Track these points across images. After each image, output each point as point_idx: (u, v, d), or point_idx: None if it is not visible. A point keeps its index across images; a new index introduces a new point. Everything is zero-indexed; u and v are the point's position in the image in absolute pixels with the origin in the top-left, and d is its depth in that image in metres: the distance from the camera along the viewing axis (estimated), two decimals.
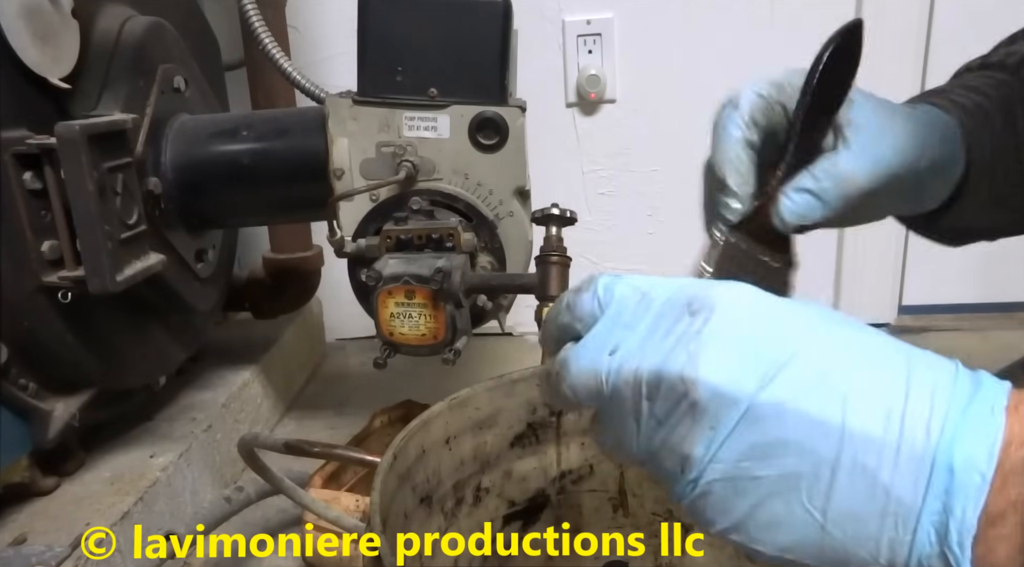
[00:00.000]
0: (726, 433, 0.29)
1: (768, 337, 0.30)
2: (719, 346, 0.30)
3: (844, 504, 0.28)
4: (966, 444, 0.27)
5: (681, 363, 0.30)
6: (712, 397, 0.30)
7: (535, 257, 0.76)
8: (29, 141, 0.67)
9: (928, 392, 0.28)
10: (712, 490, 0.30)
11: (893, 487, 0.28)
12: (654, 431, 0.31)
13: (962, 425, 0.27)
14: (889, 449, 0.28)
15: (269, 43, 0.91)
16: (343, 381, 1.32)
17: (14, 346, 0.70)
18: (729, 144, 0.45)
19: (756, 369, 0.29)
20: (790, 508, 0.29)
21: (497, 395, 0.62)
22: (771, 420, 0.29)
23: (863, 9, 1.26)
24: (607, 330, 0.34)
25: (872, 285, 1.41)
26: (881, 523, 0.28)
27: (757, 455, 0.29)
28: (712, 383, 0.30)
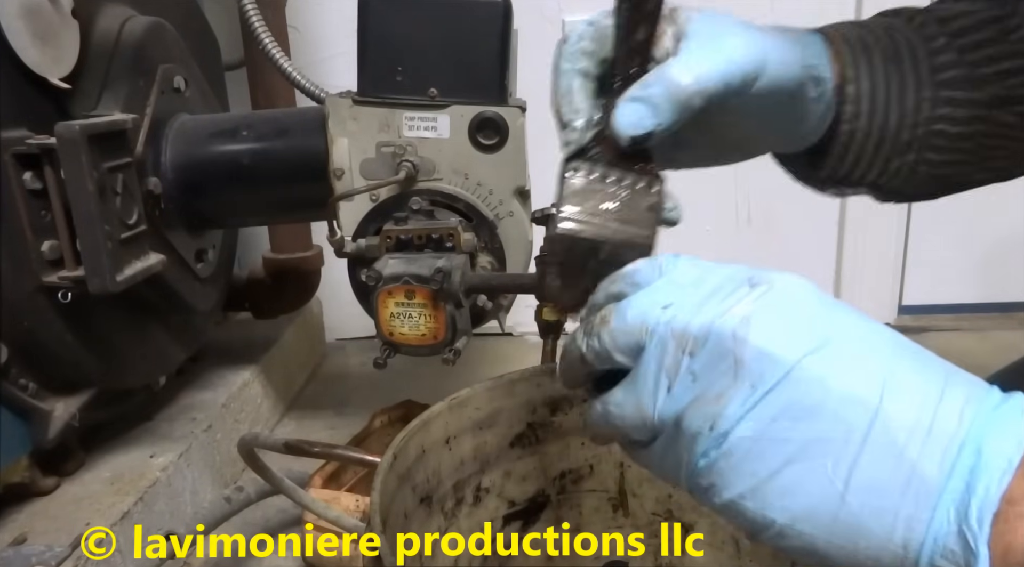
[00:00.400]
0: (764, 391, 0.30)
1: (820, 315, 0.31)
2: (774, 313, 0.31)
3: (867, 475, 0.29)
4: (995, 434, 0.28)
5: (734, 322, 0.31)
6: (758, 357, 0.30)
7: (535, 257, 0.76)
8: (29, 141, 0.67)
9: (963, 391, 0.30)
10: (737, 449, 0.30)
11: (919, 463, 0.28)
12: (688, 388, 0.32)
13: (993, 419, 0.28)
14: (921, 429, 0.29)
15: (269, 43, 0.91)
16: (343, 381, 1.32)
17: (14, 346, 0.70)
18: (560, 78, 0.44)
19: (805, 340, 0.30)
20: (812, 474, 0.29)
21: (497, 395, 0.62)
22: (810, 386, 0.30)
23: (862, 6, 1.26)
24: (664, 288, 0.34)
25: (872, 285, 1.41)
26: (901, 498, 0.28)
27: (790, 417, 0.30)
28: (760, 346, 0.30)
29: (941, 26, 0.53)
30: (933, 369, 0.31)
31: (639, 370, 0.34)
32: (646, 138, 0.40)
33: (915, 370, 0.30)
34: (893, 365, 0.30)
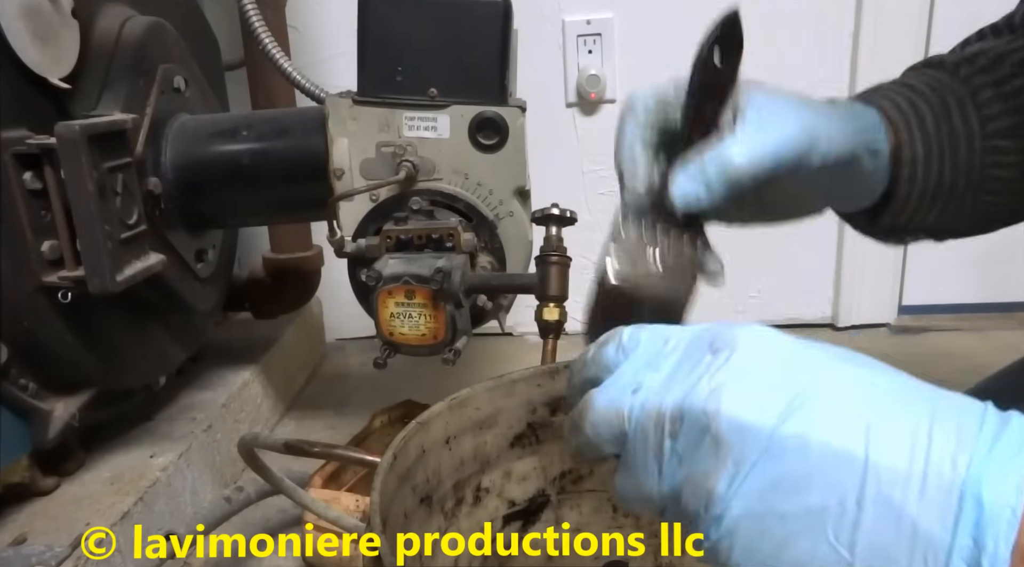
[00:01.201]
0: (749, 467, 0.29)
1: (790, 372, 0.30)
2: (740, 380, 0.30)
3: (871, 539, 0.28)
4: (994, 477, 0.27)
5: (703, 397, 0.30)
6: (734, 430, 0.29)
7: (535, 257, 0.76)
8: (29, 141, 0.67)
9: (953, 426, 0.28)
10: (737, 529, 0.30)
11: (921, 521, 0.27)
12: (676, 469, 0.31)
13: (989, 459, 0.27)
14: (915, 481, 0.27)
15: (269, 43, 0.91)
16: (343, 381, 1.32)
17: (14, 346, 0.70)
18: (624, 142, 0.47)
19: (778, 402, 0.29)
20: (816, 545, 0.28)
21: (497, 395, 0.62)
22: (793, 453, 0.29)
23: (863, 9, 1.26)
24: (631, 371, 0.34)
25: (872, 285, 1.41)
26: (910, 558, 0.27)
27: (781, 490, 0.29)
28: (734, 416, 0.30)
29: (984, 75, 0.54)
30: (918, 403, 0.29)
31: (627, 457, 0.34)
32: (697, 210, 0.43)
33: (898, 409, 0.29)
34: (874, 409, 0.29)
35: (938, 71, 0.56)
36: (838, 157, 0.47)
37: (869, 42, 1.27)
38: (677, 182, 0.43)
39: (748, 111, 0.44)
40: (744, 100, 0.45)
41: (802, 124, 0.45)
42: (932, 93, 0.54)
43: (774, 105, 0.45)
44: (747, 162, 0.43)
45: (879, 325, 1.43)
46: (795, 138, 0.44)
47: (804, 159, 0.45)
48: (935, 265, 1.41)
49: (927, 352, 1.30)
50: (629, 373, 0.34)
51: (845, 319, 1.42)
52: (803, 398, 0.29)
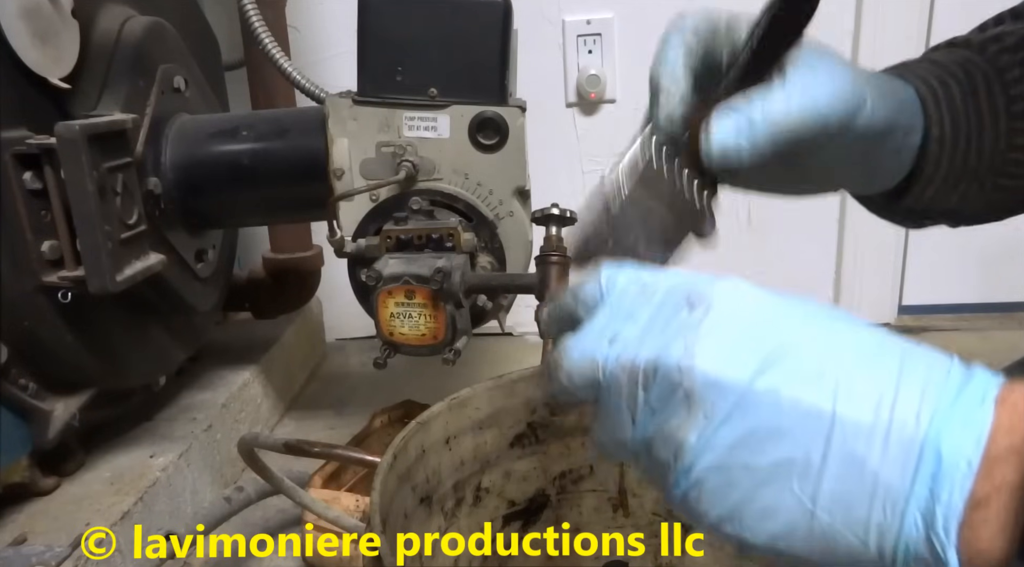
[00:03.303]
0: (720, 420, 0.30)
1: (764, 329, 0.31)
2: (715, 337, 0.31)
3: (833, 490, 0.29)
4: (954, 432, 0.28)
5: (678, 353, 0.31)
6: (707, 385, 0.30)
7: (535, 257, 0.76)
8: (29, 141, 0.67)
9: (919, 383, 0.29)
10: (706, 479, 0.31)
11: (882, 473, 0.28)
12: (649, 420, 0.32)
13: (951, 414, 0.28)
14: (878, 436, 0.28)
15: (269, 43, 0.91)
16: (343, 381, 1.32)
17: (14, 346, 0.70)
18: (667, 61, 0.44)
19: (751, 360, 0.30)
20: (781, 495, 0.30)
21: (497, 395, 0.62)
22: (764, 408, 0.30)
23: (863, 9, 1.26)
24: (607, 319, 0.34)
25: (872, 285, 1.41)
26: (870, 509, 0.28)
27: (750, 443, 0.30)
28: (707, 372, 0.30)
29: (1012, 54, 0.53)
30: (887, 359, 0.30)
31: (601, 407, 0.34)
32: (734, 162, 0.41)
33: (868, 365, 0.30)
34: (844, 365, 0.30)
35: (965, 50, 0.55)
36: (878, 128, 0.46)
37: (869, 42, 1.27)
38: (720, 128, 0.41)
39: (799, 63, 0.42)
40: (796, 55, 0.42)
41: (853, 85, 0.43)
42: (962, 72, 0.53)
43: (825, 61, 0.43)
44: (796, 111, 0.40)
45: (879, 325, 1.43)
46: (845, 98, 0.42)
47: (849, 123, 0.43)
48: (935, 265, 1.41)
49: None
50: (604, 320, 0.34)
51: None
52: (775, 355, 0.30)
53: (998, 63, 0.53)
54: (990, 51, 0.54)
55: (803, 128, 0.41)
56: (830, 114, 0.42)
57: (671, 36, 0.45)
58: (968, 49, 0.55)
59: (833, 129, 0.43)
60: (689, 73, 0.44)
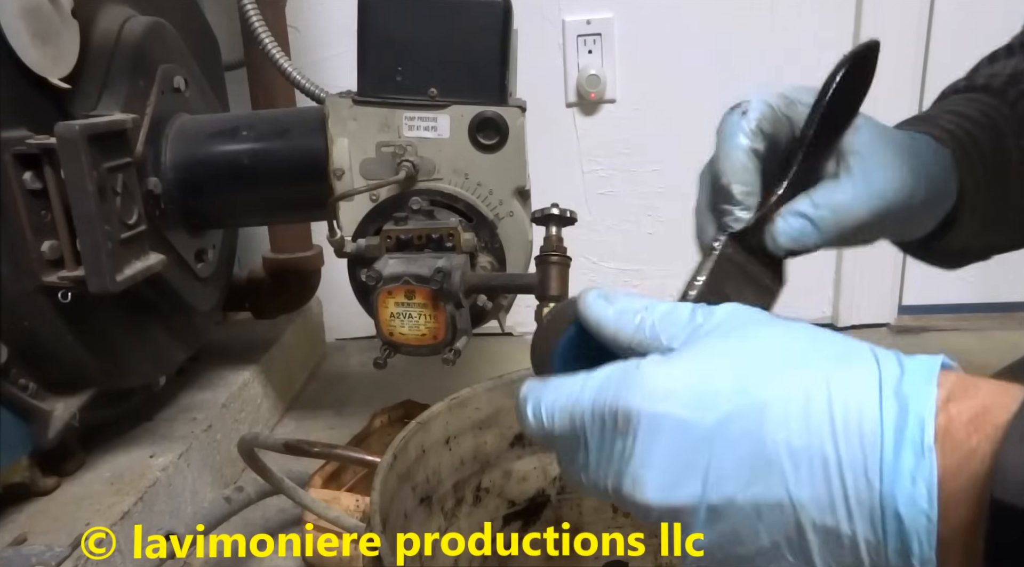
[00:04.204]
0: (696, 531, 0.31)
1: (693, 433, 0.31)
2: (652, 467, 0.31)
3: (824, 553, 0.30)
4: (904, 487, 0.28)
5: (630, 487, 0.32)
6: (670, 513, 0.32)
7: (535, 257, 0.76)
8: (29, 141, 0.67)
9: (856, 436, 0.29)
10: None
11: (857, 533, 0.29)
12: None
13: (896, 467, 0.28)
14: (840, 509, 0.29)
15: (269, 43, 0.91)
16: (343, 381, 1.32)
17: (14, 346, 0.70)
18: (736, 152, 0.44)
19: (695, 475, 0.31)
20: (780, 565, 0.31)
21: (497, 395, 0.62)
22: (728, 512, 0.31)
23: (862, 10, 1.26)
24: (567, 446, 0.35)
25: (872, 285, 1.41)
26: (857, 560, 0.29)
27: (732, 542, 0.31)
28: (662, 503, 0.32)
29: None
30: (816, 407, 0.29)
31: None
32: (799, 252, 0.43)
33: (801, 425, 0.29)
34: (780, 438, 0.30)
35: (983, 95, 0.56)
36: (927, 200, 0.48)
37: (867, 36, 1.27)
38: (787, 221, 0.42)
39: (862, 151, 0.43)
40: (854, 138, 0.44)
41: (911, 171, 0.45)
42: (987, 121, 0.54)
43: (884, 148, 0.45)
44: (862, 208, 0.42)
45: (879, 325, 1.43)
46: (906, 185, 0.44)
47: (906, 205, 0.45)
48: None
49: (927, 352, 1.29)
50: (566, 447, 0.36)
51: (845, 319, 1.42)
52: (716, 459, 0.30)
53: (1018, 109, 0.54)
54: (1010, 95, 0.55)
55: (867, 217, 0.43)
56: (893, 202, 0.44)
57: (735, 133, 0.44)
58: (987, 94, 0.56)
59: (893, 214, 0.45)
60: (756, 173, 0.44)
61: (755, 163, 0.44)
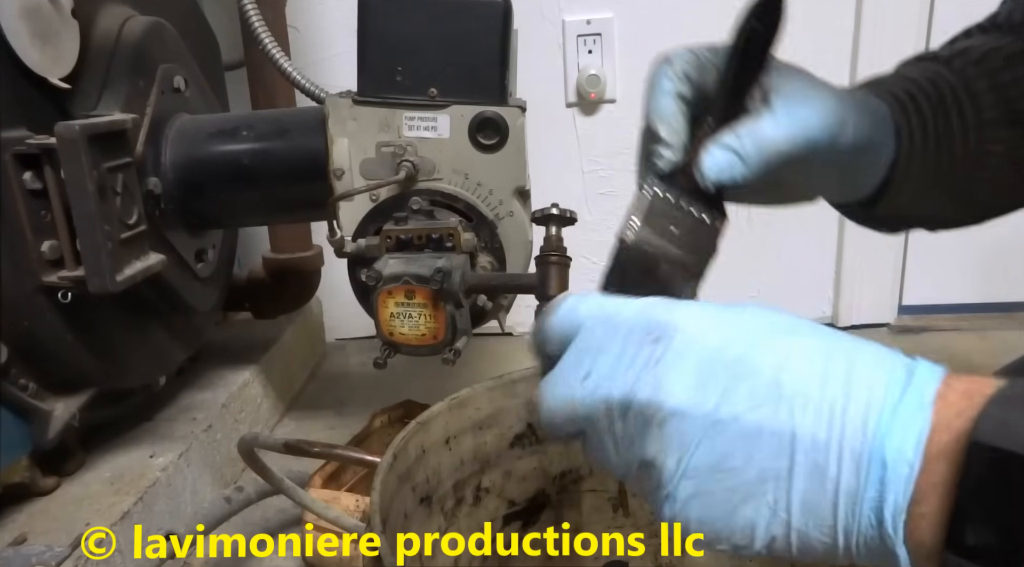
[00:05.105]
0: (692, 449, 0.32)
1: (721, 356, 0.33)
2: (678, 371, 0.33)
3: (803, 499, 0.31)
4: (896, 438, 0.30)
5: (647, 389, 0.33)
6: (677, 418, 0.32)
7: (535, 257, 0.76)
8: (29, 141, 0.67)
9: (865, 390, 0.31)
10: (689, 503, 0.33)
11: (841, 480, 0.31)
12: (629, 450, 0.34)
13: (894, 419, 0.30)
14: (833, 447, 0.31)
15: (269, 43, 0.91)
16: (343, 381, 1.32)
17: (14, 346, 0.70)
18: (661, 97, 0.46)
19: (713, 389, 0.32)
20: (759, 510, 0.32)
21: (497, 395, 0.62)
22: (731, 433, 0.32)
23: (862, 10, 1.26)
24: (577, 356, 0.36)
25: (872, 285, 1.41)
26: (834, 512, 0.31)
27: (723, 466, 0.32)
28: (676, 406, 0.32)
29: (976, 67, 0.55)
30: (836, 368, 0.32)
31: (587, 440, 0.36)
32: (728, 185, 0.43)
33: (818, 378, 0.32)
34: (797, 381, 0.32)
35: (934, 63, 0.57)
36: (858, 145, 0.48)
37: (869, 42, 1.27)
38: (712, 154, 0.43)
39: (781, 88, 0.44)
40: (777, 79, 0.45)
41: (835, 107, 0.45)
42: (930, 85, 0.55)
43: (807, 85, 0.46)
44: (785, 139, 0.43)
45: (879, 325, 1.43)
46: (829, 120, 0.45)
47: (833, 143, 0.46)
48: (935, 265, 1.41)
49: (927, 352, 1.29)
50: (575, 357, 0.36)
51: (845, 319, 1.42)
52: (734, 380, 0.32)
53: (965, 75, 0.55)
54: (956, 64, 0.56)
55: (790, 150, 0.44)
56: (817, 137, 0.44)
57: (661, 72, 0.47)
58: (936, 63, 0.57)
59: (819, 150, 0.45)
60: (682, 115, 0.46)
61: (680, 106, 0.46)
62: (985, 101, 0.54)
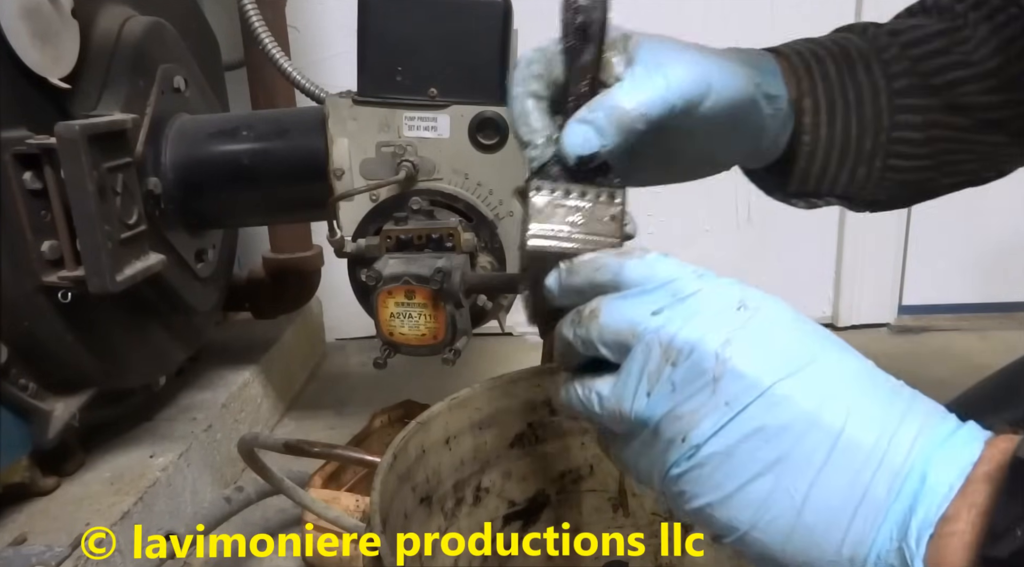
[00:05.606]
0: (737, 411, 0.32)
1: (798, 343, 0.33)
2: (755, 339, 0.33)
3: (824, 494, 0.31)
4: (941, 462, 0.30)
5: (719, 342, 0.33)
6: (734, 378, 0.32)
7: None
8: (29, 141, 0.67)
9: (918, 422, 0.32)
10: (708, 462, 0.32)
11: (871, 487, 0.31)
12: (666, 396, 0.33)
13: (941, 449, 0.31)
14: (875, 456, 0.31)
15: (269, 43, 0.91)
16: (343, 381, 1.32)
17: (14, 346, 0.70)
18: (514, 102, 0.46)
19: (780, 365, 0.32)
20: (776, 490, 0.32)
21: (497, 395, 0.62)
22: (780, 408, 0.32)
23: (862, 10, 1.26)
24: (656, 294, 0.35)
25: (872, 285, 1.41)
26: (852, 517, 0.31)
27: (760, 436, 0.32)
28: (738, 367, 0.32)
29: (892, 37, 0.55)
30: (896, 399, 0.33)
31: (624, 370, 0.35)
32: (592, 158, 0.42)
33: (879, 399, 0.32)
34: (859, 393, 0.32)
35: (847, 33, 0.57)
36: (733, 102, 0.47)
37: None
38: (568, 131, 0.42)
39: (637, 58, 0.44)
40: (638, 51, 0.45)
41: (692, 69, 0.45)
42: (836, 47, 0.54)
43: (664, 52, 0.45)
44: (636, 106, 0.42)
45: (879, 325, 1.43)
46: (685, 82, 0.44)
47: (697, 104, 0.45)
48: (935, 265, 1.41)
49: (927, 352, 1.30)
50: (653, 295, 0.35)
51: (845, 319, 1.42)
52: (803, 368, 0.32)
53: (877, 43, 0.55)
54: (870, 32, 0.56)
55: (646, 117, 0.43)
56: (675, 100, 0.44)
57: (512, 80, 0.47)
58: (850, 32, 0.57)
59: (681, 113, 0.45)
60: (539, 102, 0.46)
61: (537, 104, 0.45)
62: (897, 68, 0.54)
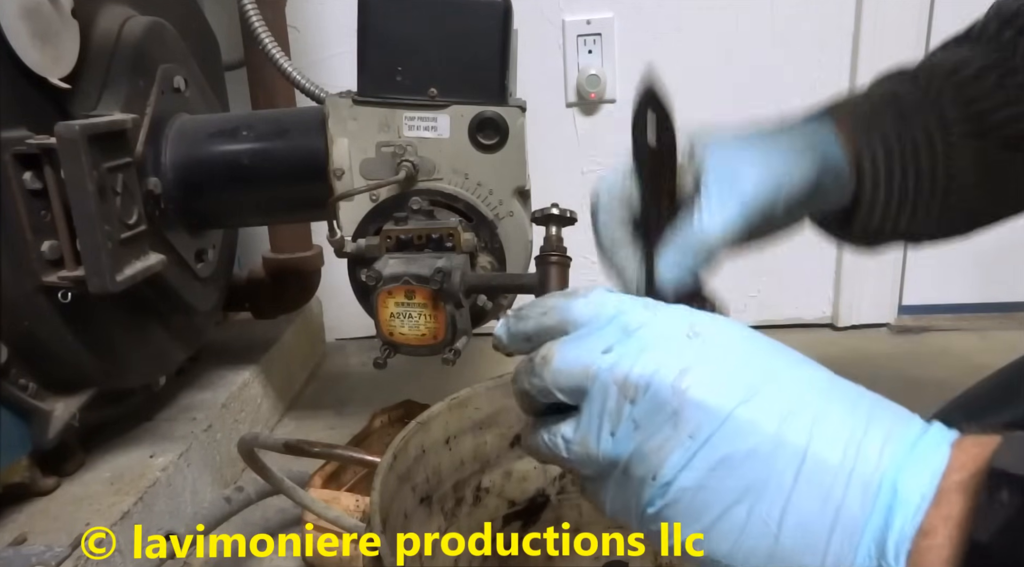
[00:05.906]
0: (702, 442, 0.32)
1: (752, 365, 0.33)
2: (710, 366, 0.33)
3: (798, 516, 0.31)
4: (911, 470, 0.30)
5: (674, 374, 0.32)
6: (695, 408, 0.32)
7: (535, 257, 0.76)
8: (29, 141, 0.67)
9: (884, 429, 0.31)
10: (682, 498, 0.32)
11: (844, 503, 0.30)
12: (630, 435, 0.33)
13: (910, 456, 0.30)
14: (843, 472, 0.30)
15: (269, 43, 0.91)
16: (343, 381, 1.32)
17: (14, 346, 0.70)
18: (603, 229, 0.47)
19: (738, 389, 0.32)
20: (750, 517, 0.31)
21: (497, 395, 0.62)
22: (744, 433, 0.31)
23: (862, 10, 1.26)
24: (605, 331, 0.35)
25: (872, 285, 1.41)
26: (829, 536, 0.30)
27: (727, 465, 0.31)
28: (697, 397, 0.32)
29: (944, 80, 0.55)
30: (858, 407, 0.32)
31: (584, 412, 0.35)
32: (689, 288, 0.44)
33: (841, 410, 0.32)
34: (820, 407, 0.32)
35: (898, 82, 0.58)
36: (802, 191, 0.49)
37: (869, 42, 1.27)
38: (661, 270, 0.44)
39: (708, 170, 0.45)
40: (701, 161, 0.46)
41: (762, 176, 0.46)
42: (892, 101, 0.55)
43: (732, 160, 0.46)
44: (720, 233, 0.44)
45: (879, 325, 1.43)
46: (759, 196, 0.46)
47: (770, 211, 0.47)
48: (935, 265, 1.41)
49: (927, 352, 1.30)
50: (601, 332, 0.35)
51: (845, 319, 1.42)
52: (761, 388, 0.32)
53: (930, 90, 0.55)
54: (922, 79, 0.56)
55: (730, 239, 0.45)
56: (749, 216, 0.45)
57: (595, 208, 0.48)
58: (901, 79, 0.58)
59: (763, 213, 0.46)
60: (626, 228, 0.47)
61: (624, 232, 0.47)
62: (951, 114, 0.54)
